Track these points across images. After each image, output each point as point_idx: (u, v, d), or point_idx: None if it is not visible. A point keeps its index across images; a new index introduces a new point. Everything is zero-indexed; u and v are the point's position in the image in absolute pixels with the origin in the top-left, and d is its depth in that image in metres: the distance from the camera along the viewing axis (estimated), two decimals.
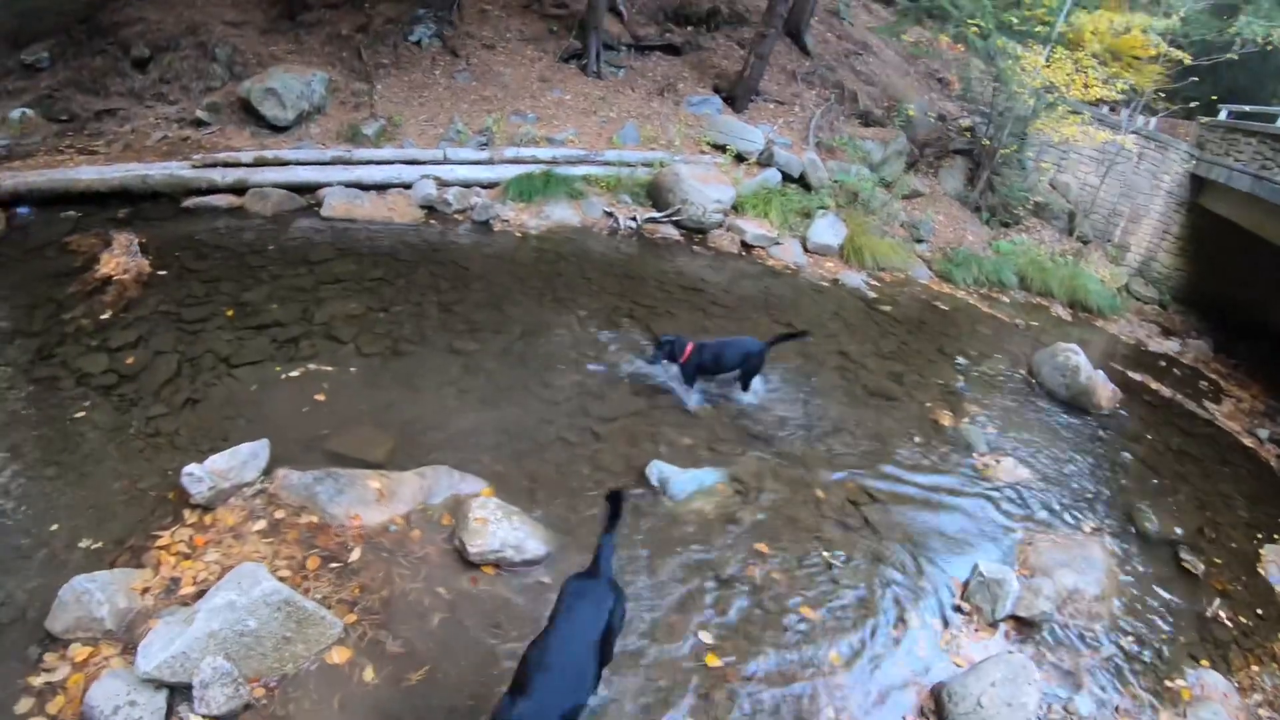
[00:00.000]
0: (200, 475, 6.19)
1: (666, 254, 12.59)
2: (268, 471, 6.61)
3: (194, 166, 11.97)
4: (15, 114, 13.19)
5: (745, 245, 13.31)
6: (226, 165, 12.09)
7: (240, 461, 6.43)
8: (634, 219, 13.08)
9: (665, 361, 8.61)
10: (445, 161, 13.15)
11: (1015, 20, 16.64)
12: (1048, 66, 16.06)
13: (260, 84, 13.39)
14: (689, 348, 8.36)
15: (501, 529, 6.05)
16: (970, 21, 16.56)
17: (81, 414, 7.69)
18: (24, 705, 4.93)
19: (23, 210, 11.29)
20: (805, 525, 7.32)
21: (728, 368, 8.70)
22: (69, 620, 5.21)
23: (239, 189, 11.95)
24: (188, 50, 14.38)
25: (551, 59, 15.90)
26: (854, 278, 13.19)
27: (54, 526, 6.13)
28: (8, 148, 12.65)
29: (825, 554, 7.01)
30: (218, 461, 6.34)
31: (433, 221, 12.34)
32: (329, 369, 8.63)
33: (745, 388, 8.90)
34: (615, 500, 5.13)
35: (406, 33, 15.47)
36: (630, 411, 8.40)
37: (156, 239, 10.75)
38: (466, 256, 11.52)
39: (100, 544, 6.01)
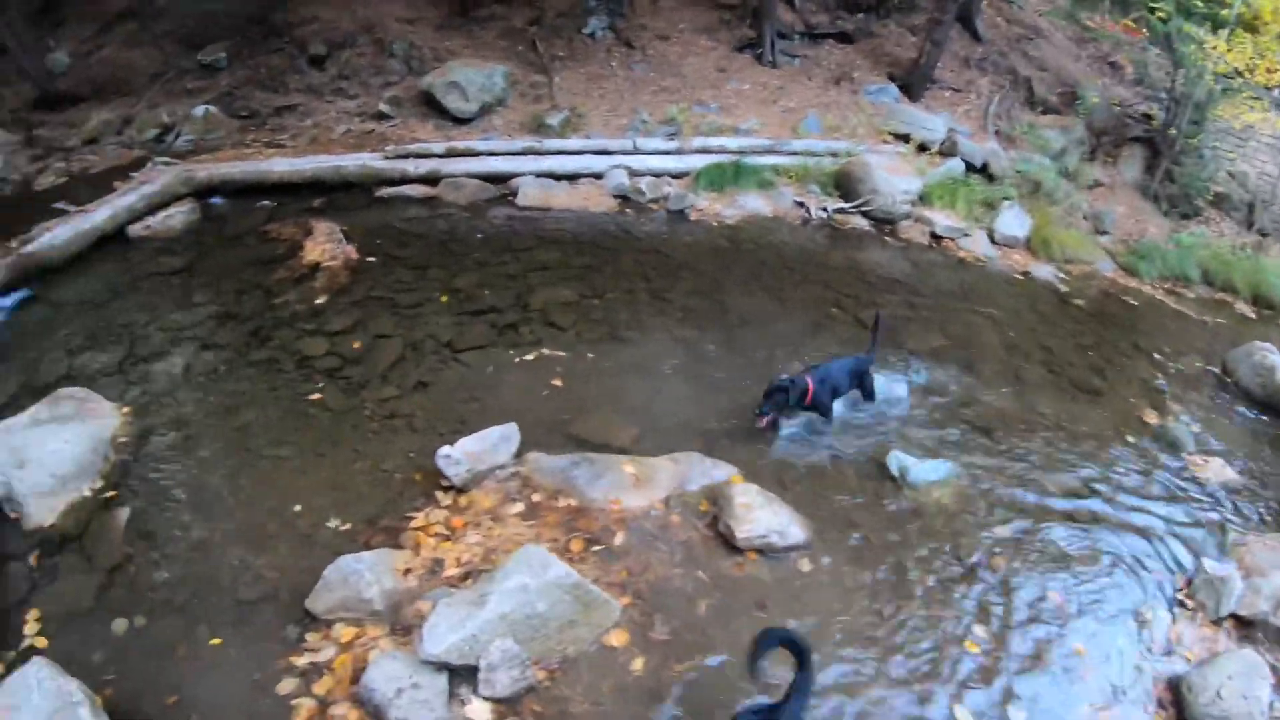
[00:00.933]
0: (457, 458, 6.14)
1: (859, 245, 11.79)
2: (518, 455, 6.52)
3: (386, 158, 11.52)
4: (199, 111, 12.89)
5: (935, 236, 12.32)
6: (419, 156, 11.59)
7: (491, 445, 6.36)
8: (824, 209, 12.23)
9: (787, 409, 7.30)
10: (635, 151, 12.39)
11: (1199, 3, 15.29)
12: (1229, 50, 14.65)
13: (442, 78, 12.89)
14: (811, 385, 7.03)
15: (765, 515, 5.90)
16: (1153, 4, 15.18)
17: (313, 396, 7.50)
18: (287, 686, 4.89)
19: (216, 200, 11.06)
20: (1036, 515, 6.90)
21: (845, 390, 7.49)
22: (333, 600, 5.17)
23: (431, 179, 11.48)
24: (364, 47, 14.05)
25: (726, 49, 15.09)
26: (1044, 270, 12.18)
27: (297, 507, 6.17)
28: (194, 143, 12.52)
29: (1060, 545, 6.63)
30: (469, 444, 6.27)
31: (628, 211, 11.61)
32: (561, 353, 8.28)
33: (870, 397, 7.78)
34: (800, 657, 4.29)
35: (579, 25, 14.86)
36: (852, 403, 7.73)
37: (357, 227, 10.33)
38: (668, 245, 10.84)
39: (349, 525, 6.02)
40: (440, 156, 11.66)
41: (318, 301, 8.90)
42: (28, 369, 7.99)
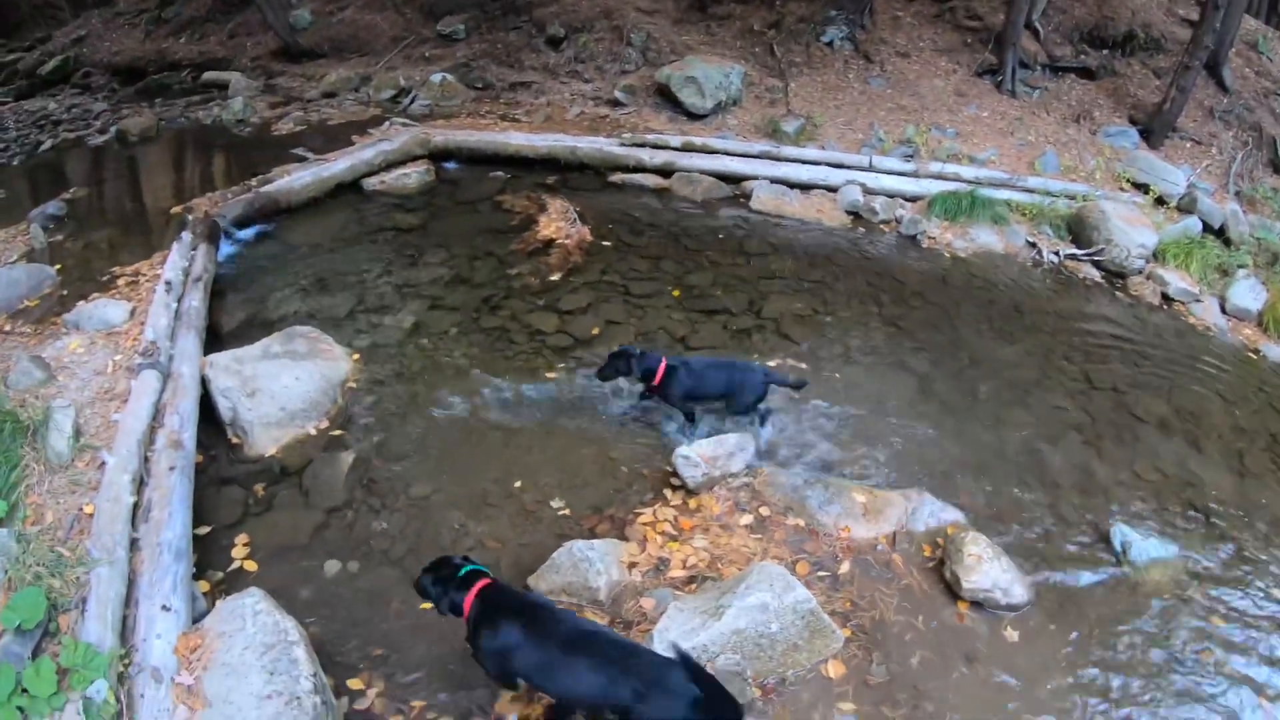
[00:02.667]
0: (696, 460, 5.75)
1: (1088, 296, 10.61)
2: (749, 465, 5.97)
3: (623, 144, 10.96)
4: (436, 78, 12.65)
5: (1165, 298, 10.97)
6: (655, 147, 10.99)
7: (726, 451, 5.94)
8: (1056, 253, 11.12)
9: (637, 383, 6.52)
10: (871, 169, 11.48)
11: None
12: None
13: (680, 71, 12.23)
14: (662, 367, 6.11)
15: (993, 568, 5.33)
16: None
17: (546, 374, 7.03)
18: None
19: (450, 165, 10.72)
20: (1252, 617, 5.96)
21: (713, 394, 6.40)
22: (558, 582, 4.91)
23: (666, 171, 10.81)
24: (602, 33, 13.58)
25: (966, 72, 14.08)
26: (1276, 351, 10.62)
27: (518, 483, 5.85)
28: (429, 107, 12.30)
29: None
30: (706, 448, 5.87)
31: (860, 229, 10.71)
32: (803, 367, 7.50)
33: (741, 412, 6.57)
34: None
35: (818, 33, 14.00)
36: (1076, 463, 6.95)
37: (589, 209, 9.72)
38: (901, 270, 9.89)
39: (571, 509, 5.68)
40: (676, 149, 11.02)
41: (551, 278, 8.34)
42: (257, 302, 7.71)
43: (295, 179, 9.36)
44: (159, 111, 13.64)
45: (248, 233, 8.98)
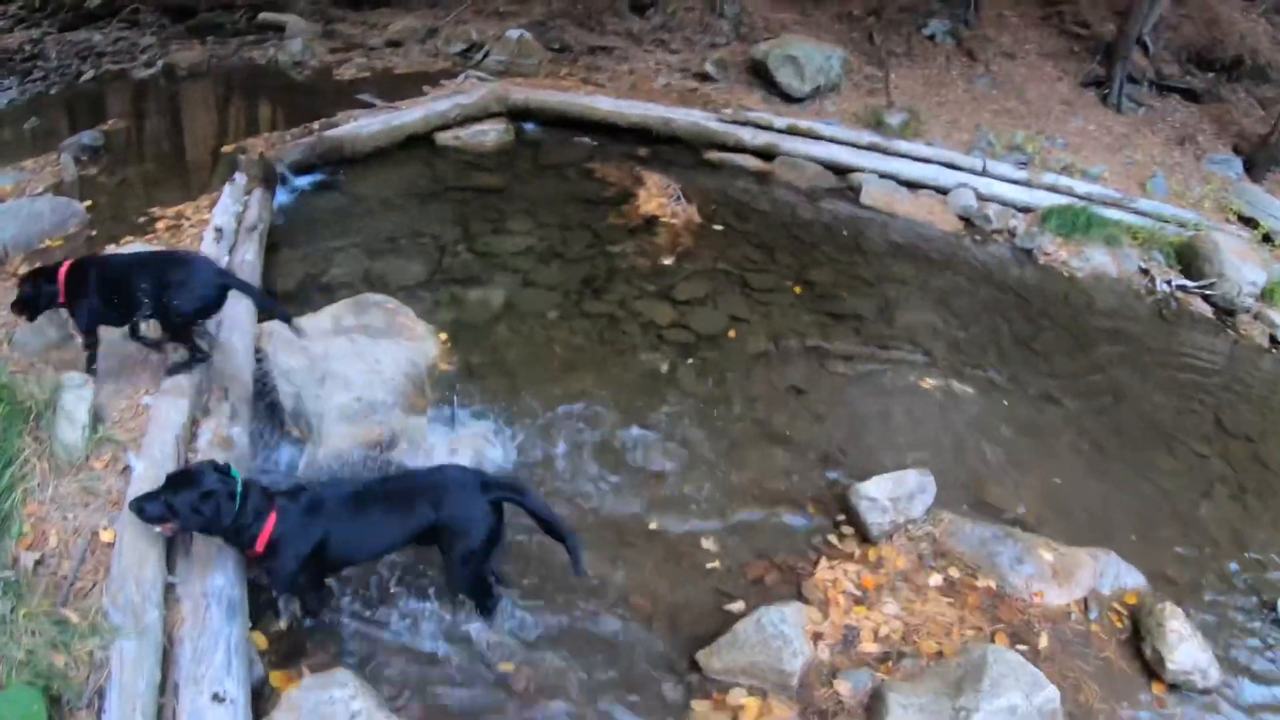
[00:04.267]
0: (883, 504, 4.74)
1: (1202, 331, 9.41)
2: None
3: (722, 120, 9.55)
4: (513, 34, 11.14)
5: (1274, 340, 9.77)
6: (757, 126, 9.60)
7: (906, 493, 4.89)
8: (1168, 283, 9.90)
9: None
10: (984, 174, 10.17)
11: None
12: None
13: (779, 49, 10.86)
14: (64, 269, 4.14)
15: (1192, 647, 4.49)
16: None
17: (666, 371, 5.75)
18: None
19: (529, 126, 9.30)
20: None
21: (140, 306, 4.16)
22: (739, 661, 3.83)
23: (766, 153, 9.47)
24: (693, 2, 12.14)
25: (1072, 81, 12.77)
26: None
27: (653, 524, 4.75)
28: (505, 64, 10.79)
29: None
30: (886, 487, 4.82)
31: (975, 236, 9.45)
32: (970, 390, 6.32)
33: (179, 337, 4.38)
34: None
35: (920, 24, 12.69)
36: (1227, 519, 5.88)
37: (688, 187, 8.36)
38: (1023, 287, 8.67)
39: (725, 552, 4.60)
40: (780, 131, 9.64)
41: (663, 261, 7.00)
42: (318, 261, 6.35)
43: (362, 125, 8.01)
44: (210, 49, 12.13)
45: (306, 180, 7.61)
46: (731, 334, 6.28)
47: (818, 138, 9.78)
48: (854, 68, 11.62)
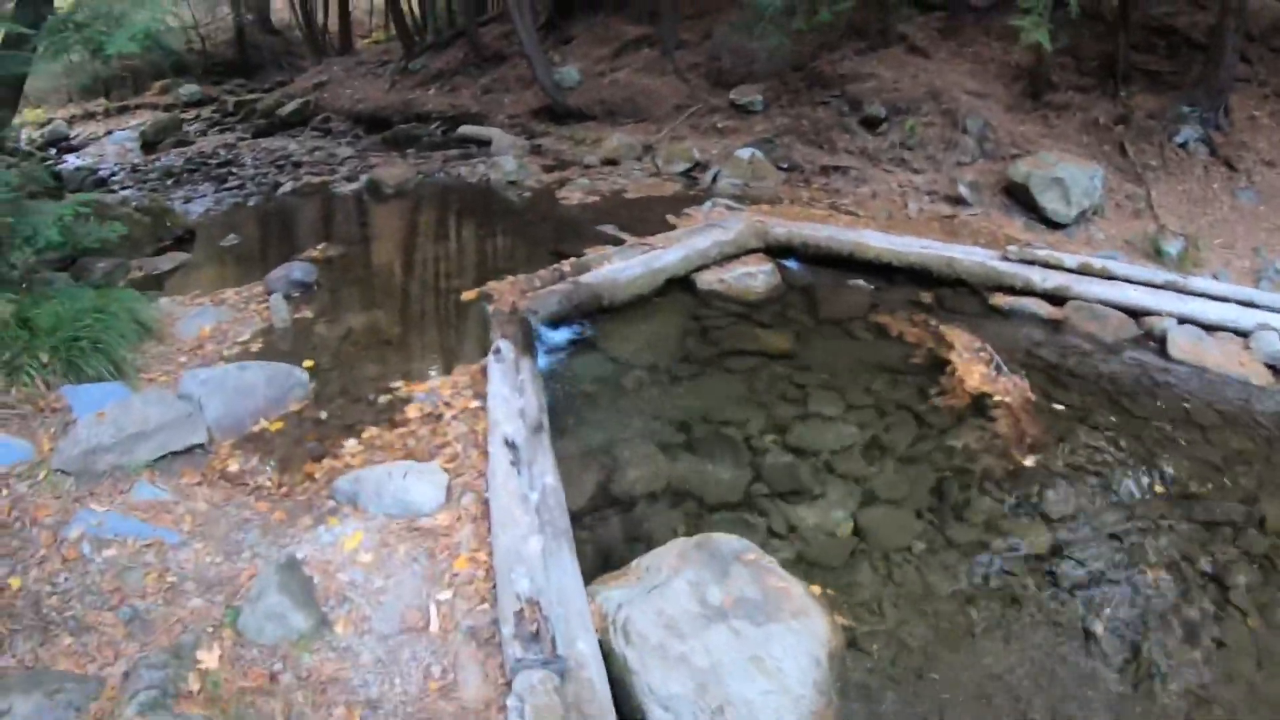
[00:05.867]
0: None
1: None
2: None
3: (1007, 259, 8.14)
4: (744, 153, 10.15)
5: None
6: (1046, 266, 8.14)
7: None
8: None
9: None
10: None
11: None
12: None
13: (1041, 170, 9.56)
14: None
15: None
16: None
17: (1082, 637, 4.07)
18: None
19: (792, 264, 8.04)
20: None
21: None
22: None
23: (1056, 297, 8.01)
24: (932, 117, 10.84)
25: None
26: None
27: None
28: (740, 187, 9.82)
29: None
30: None
31: None
32: None
33: None
34: None
35: (1171, 132, 10.99)
36: None
37: (997, 347, 6.89)
38: None
39: None
40: (1071, 271, 8.15)
41: (1016, 461, 5.48)
42: (604, 461, 5.09)
43: (620, 269, 6.85)
44: (412, 163, 11.23)
45: (561, 335, 6.50)
46: (1156, 580, 4.78)
47: (1111, 278, 8.26)
48: (1113, 186, 10.10)
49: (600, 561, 4.07)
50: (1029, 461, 5.39)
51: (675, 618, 3.48)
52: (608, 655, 3.31)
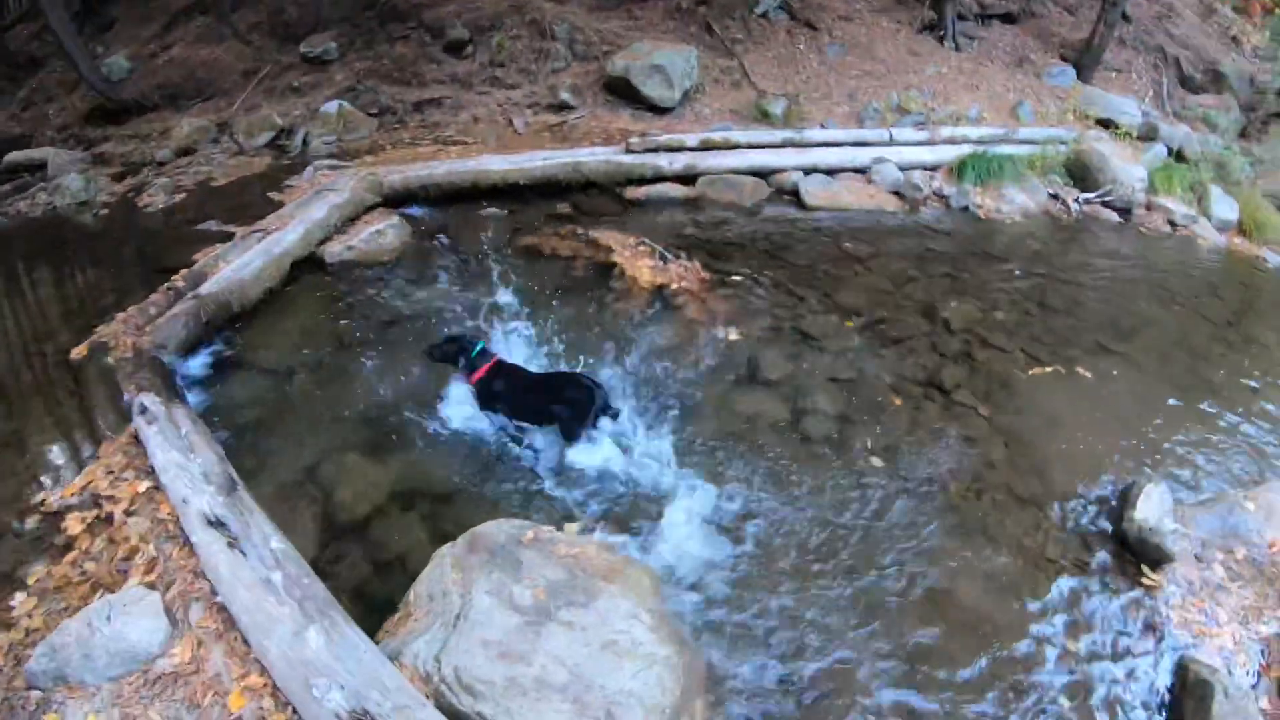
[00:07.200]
0: None
1: (1121, 240, 9.33)
2: None
3: (632, 151, 8.02)
4: (331, 107, 9.28)
5: (1171, 224, 10.31)
6: (670, 149, 8.17)
7: None
8: (1077, 201, 9.92)
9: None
10: (891, 143, 9.45)
11: None
12: None
13: (639, 60, 9.56)
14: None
15: None
16: None
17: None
18: None
19: (414, 211, 7.36)
20: None
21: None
22: None
23: (687, 177, 8.10)
24: (518, 30, 10.48)
25: (909, 30, 12.33)
26: (1275, 257, 10.14)
27: None
28: (334, 144, 8.99)
29: None
30: None
31: (922, 209, 8.58)
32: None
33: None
34: None
35: (750, 4, 11.65)
36: None
37: (645, 236, 6.78)
38: (1000, 251, 7.86)
39: None
40: (695, 150, 8.26)
41: (728, 338, 5.50)
42: (309, 492, 4.25)
43: (241, 266, 5.81)
44: None
45: (199, 362, 5.26)
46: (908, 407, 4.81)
47: (734, 146, 8.50)
48: (708, 63, 10.39)
49: (368, 611, 3.35)
50: (733, 336, 5.24)
51: (503, 641, 2.88)
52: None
